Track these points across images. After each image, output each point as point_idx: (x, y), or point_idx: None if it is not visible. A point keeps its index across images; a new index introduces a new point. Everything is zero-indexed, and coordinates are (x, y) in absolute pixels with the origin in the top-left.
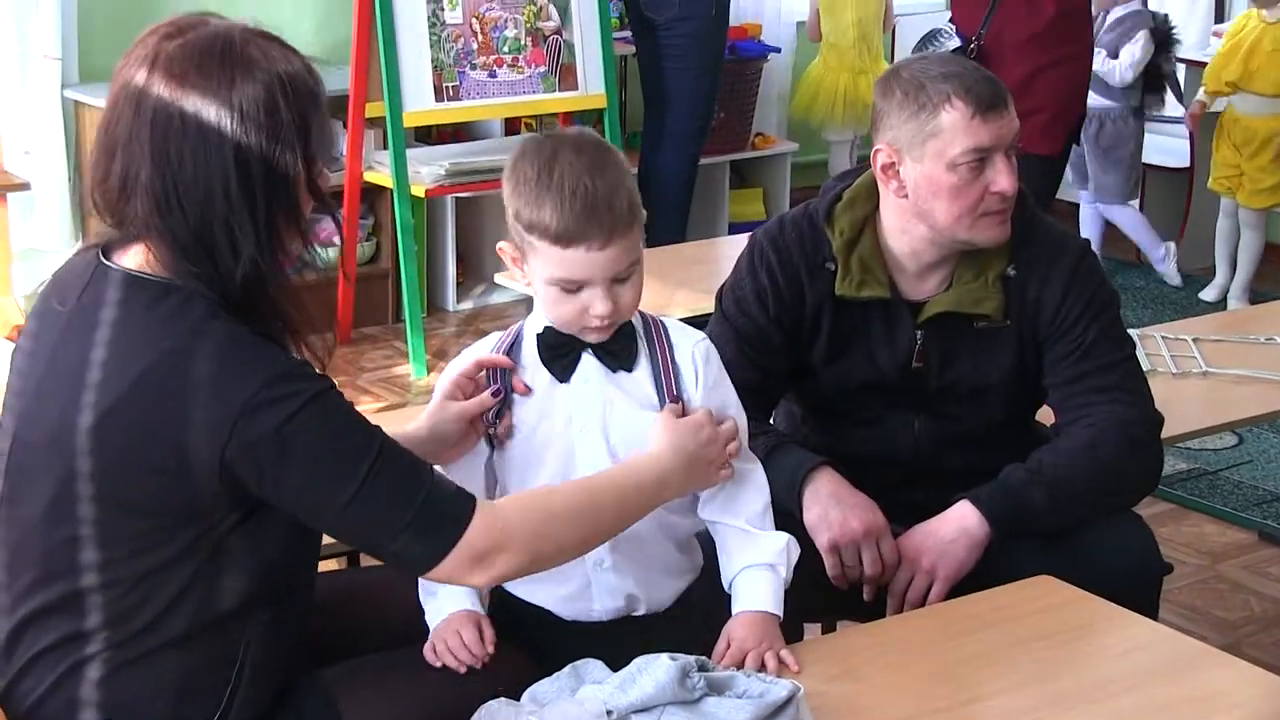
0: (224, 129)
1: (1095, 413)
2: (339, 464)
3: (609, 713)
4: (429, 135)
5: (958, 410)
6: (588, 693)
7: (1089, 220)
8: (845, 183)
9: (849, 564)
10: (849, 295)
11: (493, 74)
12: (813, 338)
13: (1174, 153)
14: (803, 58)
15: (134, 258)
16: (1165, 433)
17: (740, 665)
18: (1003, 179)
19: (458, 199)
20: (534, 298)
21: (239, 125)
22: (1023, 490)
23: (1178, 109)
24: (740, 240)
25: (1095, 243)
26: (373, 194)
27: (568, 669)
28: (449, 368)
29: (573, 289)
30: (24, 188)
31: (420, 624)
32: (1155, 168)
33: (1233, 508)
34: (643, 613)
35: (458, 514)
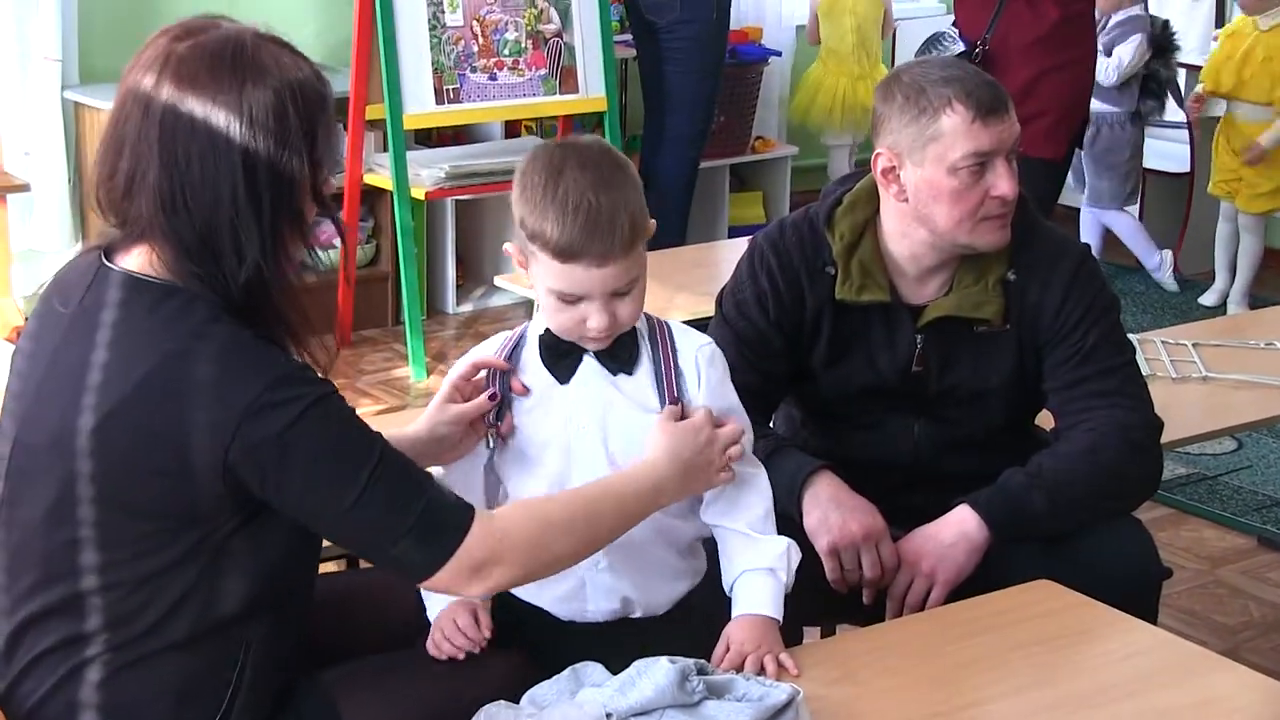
0: (233, 133)
1: (1095, 417)
2: (341, 468)
3: (608, 716)
4: (429, 138)
5: (957, 414)
6: (587, 695)
7: (1089, 225)
8: (845, 187)
9: (848, 567)
10: (849, 299)
11: (493, 77)
12: (813, 342)
13: (1174, 157)
14: (803, 62)
15: (136, 259)
16: (1165, 438)
17: (739, 669)
18: (1003, 183)
19: (458, 201)
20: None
21: (248, 130)
22: (1022, 494)
23: (1178, 114)
24: (740, 244)
25: (1095, 247)
26: (373, 196)
27: (567, 672)
28: (452, 370)
29: (571, 300)
30: (24, 189)
31: (420, 625)
32: (1155, 172)
33: (1232, 513)
34: (639, 615)
35: (458, 523)
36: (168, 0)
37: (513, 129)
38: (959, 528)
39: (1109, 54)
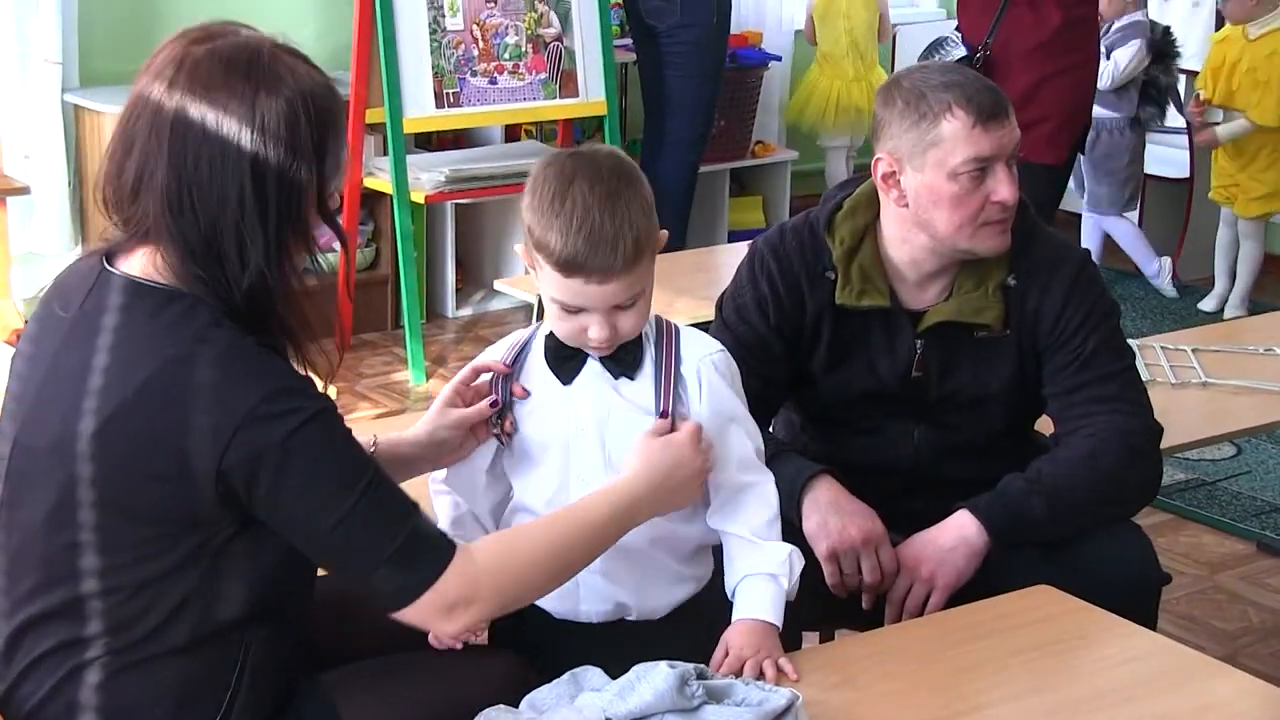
0: (244, 139)
1: (1095, 423)
2: (330, 486)
3: None
4: (429, 141)
5: (957, 419)
6: (586, 700)
7: (1090, 231)
8: (846, 191)
9: (848, 572)
10: (849, 304)
11: (493, 81)
12: (813, 346)
13: (1174, 163)
14: (802, 66)
15: (138, 264)
16: (1164, 443)
17: (739, 673)
18: (1003, 188)
19: (457, 205)
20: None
21: (259, 137)
22: (1022, 500)
23: (1178, 120)
24: (740, 248)
25: (1095, 253)
26: (372, 200)
27: (567, 676)
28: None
29: (573, 310)
30: (24, 192)
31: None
32: (1155, 178)
33: (1231, 518)
34: (635, 619)
35: (438, 557)
36: (168, 3)
37: (513, 133)
38: (959, 533)
39: (1107, 56)
